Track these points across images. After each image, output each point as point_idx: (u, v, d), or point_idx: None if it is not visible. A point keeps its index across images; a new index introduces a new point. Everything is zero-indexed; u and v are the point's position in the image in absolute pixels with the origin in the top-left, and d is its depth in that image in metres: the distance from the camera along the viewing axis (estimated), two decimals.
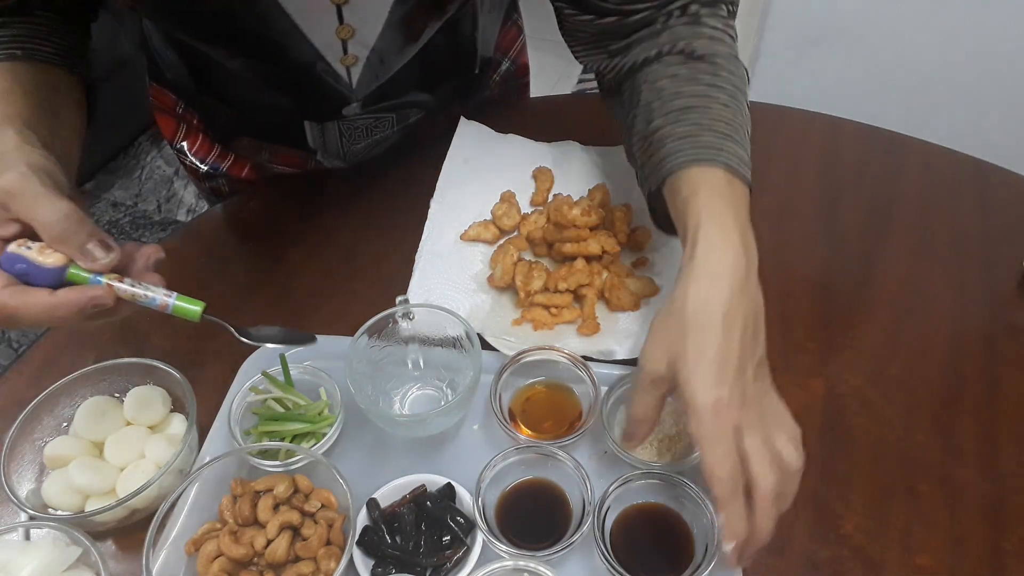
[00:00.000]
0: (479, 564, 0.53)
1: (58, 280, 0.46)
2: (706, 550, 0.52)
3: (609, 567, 0.51)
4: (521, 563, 0.52)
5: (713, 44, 0.64)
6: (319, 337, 0.68)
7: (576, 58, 0.73)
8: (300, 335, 0.57)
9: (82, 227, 0.47)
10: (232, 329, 0.55)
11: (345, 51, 0.68)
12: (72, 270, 0.47)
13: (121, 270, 0.50)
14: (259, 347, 0.67)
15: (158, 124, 0.89)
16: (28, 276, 0.45)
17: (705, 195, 0.56)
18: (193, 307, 0.50)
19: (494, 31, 0.90)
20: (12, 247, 0.46)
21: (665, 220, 0.63)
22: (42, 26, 0.61)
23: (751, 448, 0.48)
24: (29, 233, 0.47)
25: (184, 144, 0.89)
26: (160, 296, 0.49)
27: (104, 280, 0.47)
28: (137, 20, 0.79)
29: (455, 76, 0.87)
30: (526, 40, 0.99)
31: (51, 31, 0.62)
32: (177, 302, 0.49)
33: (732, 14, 0.67)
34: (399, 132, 0.87)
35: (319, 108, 0.78)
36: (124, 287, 0.48)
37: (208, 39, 0.67)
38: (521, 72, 1.00)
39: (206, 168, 0.90)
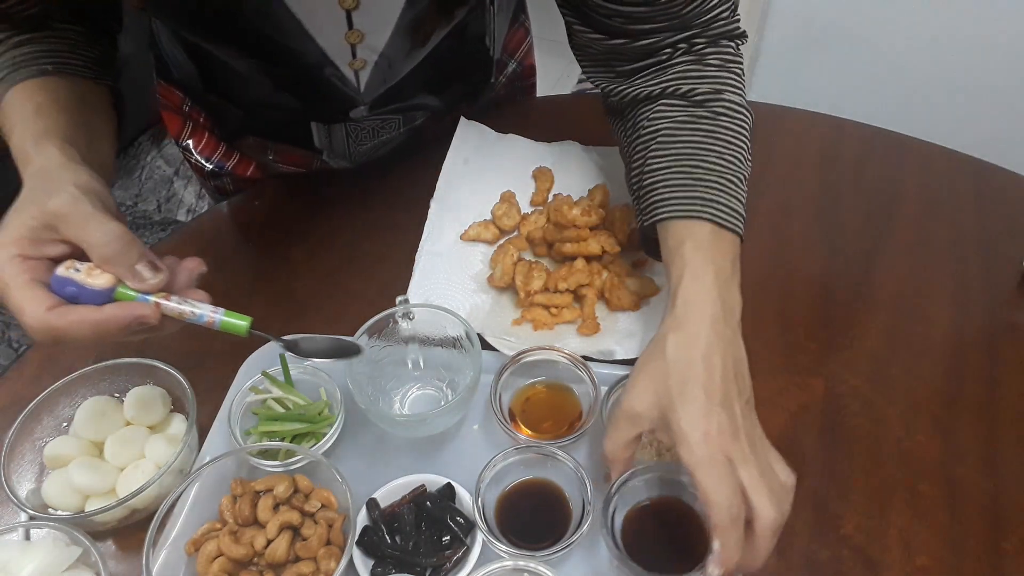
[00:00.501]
0: (479, 564, 0.53)
1: (106, 300, 0.47)
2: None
3: (621, 561, 0.51)
4: (521, 563, 0.52)
5: (716, 87, 0.64)
6: (318, 337, 0.69)
7: (583, 71, 0.73)
8: (347, 345, 0.56)
9: (132, 248, 0.47)
10: (279, 344, 0.54)
11: (354, 55, 0.68)
12: (120, 289, 0.47)
13: (166, 285, 0.49)
14: (263, 346, 0.68)
15: (164, 121, 0.90)
16: (77, 298, 0.46)
17: (690, 250, 0.58)
18: (240, 322, 0.50)
19: (502, 33, 0.90)
20: (61, 270, 0.46)
21: (654, 248, 0.64)
22: (69, 40, 0.62)
23: (748, 479, 0.48)
24: (77, 253, 0.47)
25: (190, 142, 0.89)
26: (207, 313, 0.49)
27: (152, 299, 0.47)
28: (145, 20, 0.79)
29: (464, 80, 0.87)
30: (532, 41, 0.99)
31: (78, 44, 0.62)
32: (224, 318, 0.49)
33: (739, 46, 0.67)
34: (405, 133, 0.87)
35: (326, 110, 0.79)
36: (172, 305, 0.48)
37: (217, 41, 0.68)
38: (528, 73, 1.01)
39: (211, 166, 0.90)
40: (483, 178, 0.83)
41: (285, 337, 0.55)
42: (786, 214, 0.83)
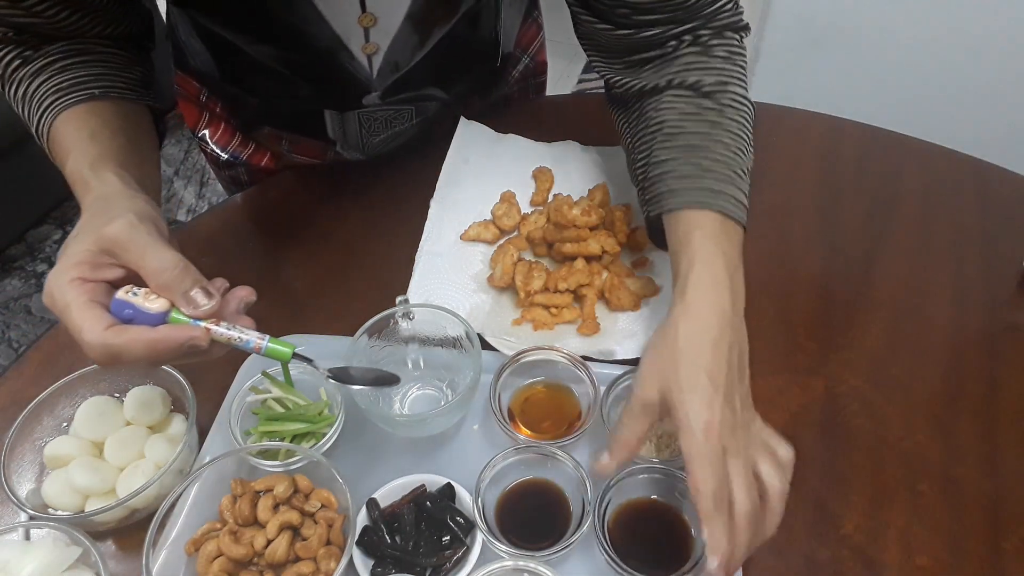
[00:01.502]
0: (479, 564, 0.53)
1: (160, 323, 0.48)
2: (705, 546, 0.52)
3: (611, 562, 0.52)
4: (521, 563, 0.52)
5: (722, 79, 0.65)
6: (319, 337, 0.69)
7: (588, 60, 0.74)
8: (387, 376, 0.59)
9: (187, 275, 0.49)
10: (324, 370, 0.56)
11: (367, 39, 0.69)
12: (173, 314, 0.49)
13: (217, 311, 0.51)
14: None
15: (181, 112, 0.90)
16: (133, 320, 0.48)
17: (699, 239, 0.59)
18: (284, 349, 0.51)
19: (514, 27, 0.90)
20: (120, 294, 0.48)
21: (660, 237, 0.65)
22: (111, 63, 0.64)
23: (734, 471, 0.50)
24: (134, 277, 0.49)
25: (206, 132, 0.90)
26: (254, 339, 0.50)
27: (203, 324, 0.49)
28: (162, 16, 0.79)
29: (474, 71, 0.87)
30: (545, 38, 0.99)
31: (119, 66, 0.65)
32: (270, 344, 0.51)
33: (742, 38, 0.68)
34: (418, 125, 0.88)
35: (340, 97, 0.79)
36: (220, 331, 0.50)
37: (232, 25, 0.69)
38: (540, 69, 1.01)
39: (226, 156, 0.91)
40: (483, 178, 0.83)
41: (330, 368, 0.57)
42: (786, 214, 0.83)
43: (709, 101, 0.64)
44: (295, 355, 0.52)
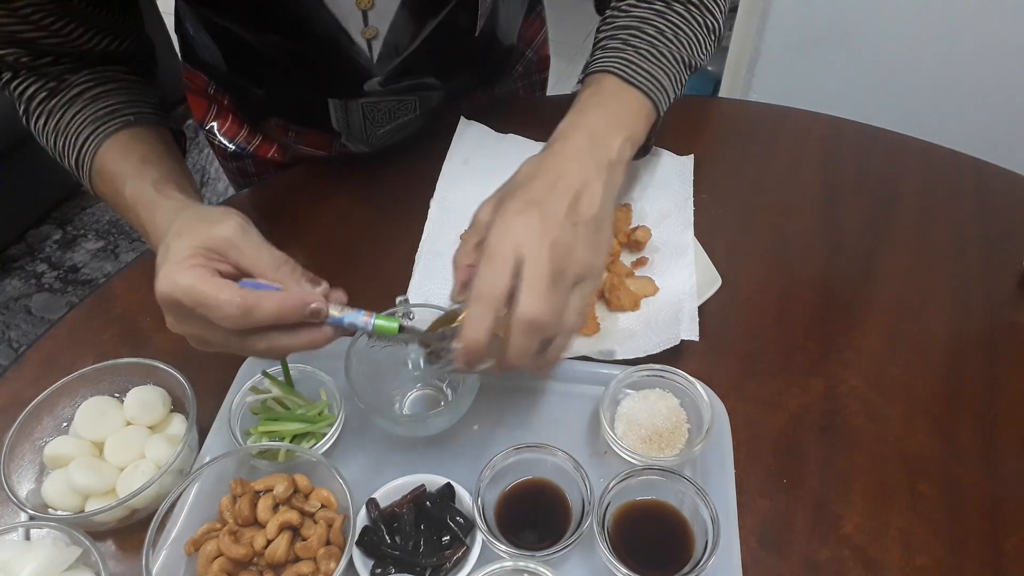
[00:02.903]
0: (479, 564, 0.53)
1: None
2: (706, 546, 0.52)
3: (610, 562, 0.52)
4: (521, 563, 0.52)
5: None
6: None
7: (599, 12, 0.76)
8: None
9: (296, 268, 0.53)
10: (422, 330, 0.56)
11: (366, 23, 0.70)
12: None
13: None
14: None
15: (189, 105, 0.92)
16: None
17: (586, 95, 0.62)
18: (391, 324, 0.54)
19: (517, 19, 0.91)
20: (245, 279, 0.51)
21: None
22: (134, 89, 0.67)
23: (527, 274, 0.49)
24: (237, 275, 0.52)
25: (214, 124, 0.92)
26: (362, 314, 0.53)
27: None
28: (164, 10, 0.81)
29: (473, 61, 0.88)
30: (548, 33, 0.99)
31: (141, 92, 0.68)
32: (377, 320, 0.53)
33: None
34: (422, 117, 0.88)
35: (341, 83, 0.80)
36: (334, 305, 0.53)
37: (234, 13, 0.69)
38: (543, 65, 1.02)
39: (234, 148, 0.92)
40: (483, 178, 0.82)
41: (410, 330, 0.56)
42: (786, 214, 0.83)
43: (660, 2, 0.67)
44: (401, 328, 0.54)
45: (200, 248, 0.50)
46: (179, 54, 0.90)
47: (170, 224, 0.53)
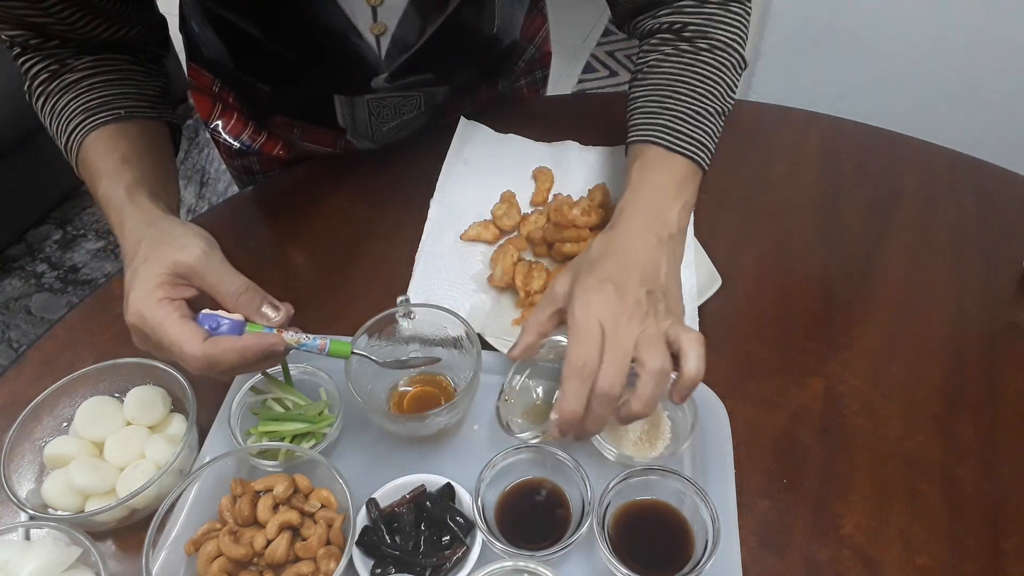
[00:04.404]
0: (479, 564, 0.53)
1: (241, 332, 0.55)
2: (706, 546, 0.52)
3: (611, 562, 0.51)
4: (521, 563, 0.52)
5: (705, 24, 0.68)
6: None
7: (617, 28, 0.78)
8: (428, 358, 0.64)
9: (256, 295, 0.56)
10: (382, 363, 0.61)
11: (375, 19, 0.70)
12: (249, 327, 0.55)
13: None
14: None
15: (194, 103, 0.93)
16: (218, 332, 0.54)
17: (636, 169, 0.65)
18: (344, 347, 0.58)
19: (520, 15, 0.91)
20: (205, 311, 0.55)
21: None
22: (133, 80, 0.68)
23: (609, 353, 0.53)
24: (205, 296, 0.55)
25: (219, 123, 0.92)
26: (317, 341, 0.57)
27: (274, 331, 0.56)
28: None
29: (477, 58, 0.88)
30: (550, 29, 0.99)
31: (141, 83, 0.69)
32: (331, 344, 0.58)
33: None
34: (427, 113, 0.88)
35: (349, 80, 0.80)
36: (290, 335, 0.56)
37: (244, 10, 0.70)
38: (545, 61, 1.02)
39: (239, 145, 0.93)
40: (483, 178, 0.83)
41: (383, 361, 0.61)
42: (786, 214, 0.83)
43: (687, 44, 0.68)
44: (353, 352, 0.59)
45: (166, 275, 0.53)
46: (182, 54, 0.90)
47: (138, 237, 0.56)
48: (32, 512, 0.57)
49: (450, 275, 0.74)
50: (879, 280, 0.76)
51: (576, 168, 0.85)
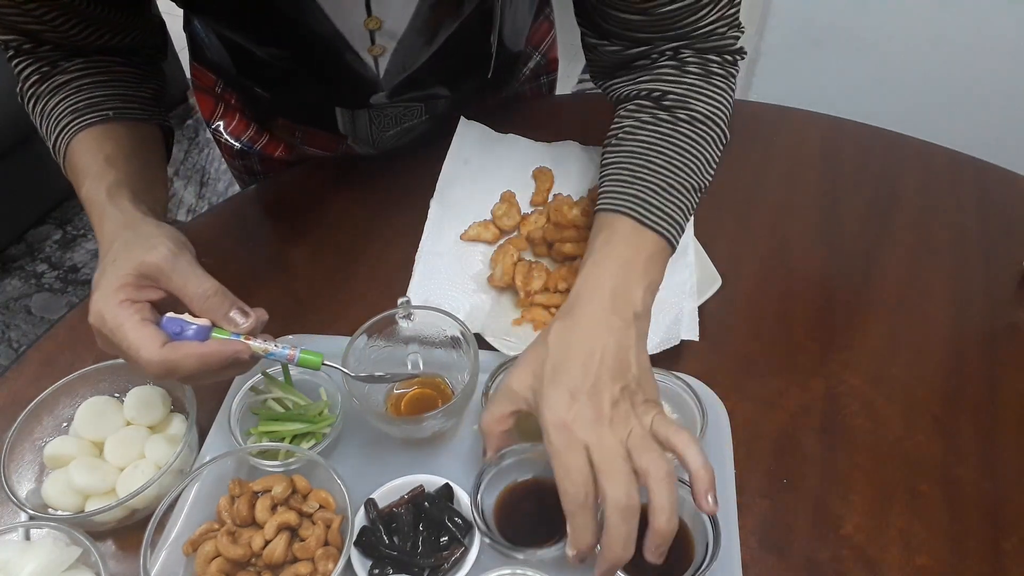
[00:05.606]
0: (477, 565, 0.53)
1: (206, 338, 0.53)
2: (706, 550, 0.52)
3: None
4: (519, 570, 0.52)
5: (685, 95, 0.65)
6: (319, 337, 0.69)
7: (590, 73, 0.75)
8: (406, 373, 0.64)
9: (225, 299, 0.53)
10: (353, 376, 0.59)
11: (373, 41, 0.69)
12: (215, 332, 0.53)
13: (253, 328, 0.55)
14: None
15: (196, 102, 0.93)
16: (182, 337, 0.52)
17: (601, 241, 0.60)
18: (314, 358, 0.56)
19: (525, 24, 0.91)
20: (170, 314, 0.53)
21: None
22: (125, 82, 0.67)
23: (600, 464, 0.49)
24: (172, 298, 0.53)
25: (220, 123, 0.92)
26: (287, 350, 0.55)
27: (241, 338, 0.53)
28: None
29: (481, 70, 0.88)
30: (556, 35, 0.99)
31: (133, 85, 0.68)
32: (301, 354, 0.55)
33: (729, 63, 0.67)
34: (428, 121, 0.89)
35: (348, 96, 0.80)
36: (258, 343, 0.54)
37: (240, 27, 0.70)
38: (551, 67, 1.02)
39: (240, 146, 0.93)
40: (483, 178, 0.83)
41: (356, 375, 0.59)
42: (786, 214, 0.83)
43: (665, 113, 0.65)
44: (324, 363, 0.57)
45: (131, 276, 0.52)
46: (183, 53, 0.90)
47: (112, 239, 0.55)
48: (32, 512, 0.57)
49: (450, 275, 0.74)
50: (879, 280, 0.76)
51: (576, 168, 0.85)
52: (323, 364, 0.57)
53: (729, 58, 0.67)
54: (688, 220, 0.63)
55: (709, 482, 0.49)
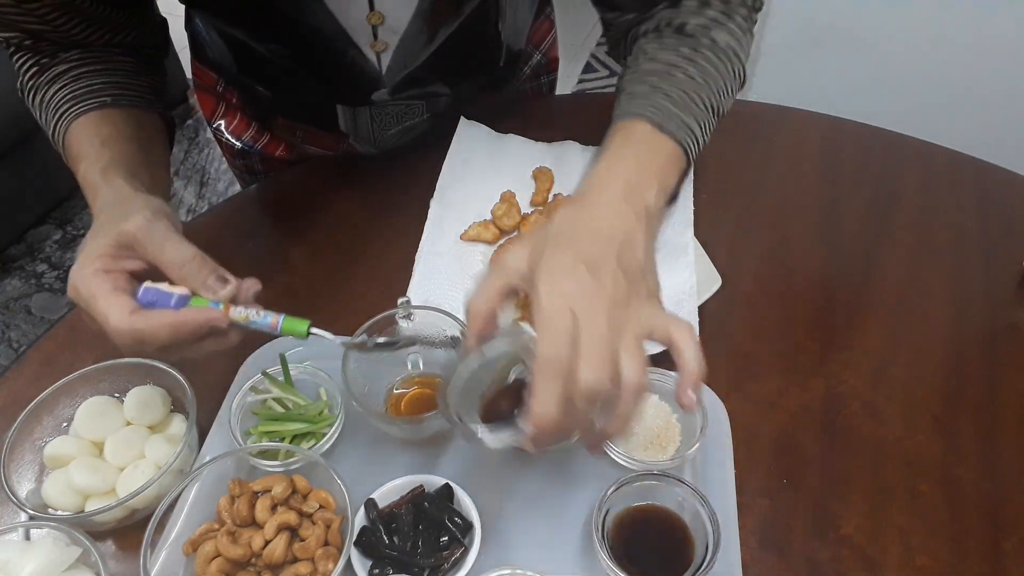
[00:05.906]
0: (477, 565, 0.53)
1: (182, 307, 0.51)
2: (706, 551, 0.52)
3: (611, 569, 0.51)
4: (520, 566, 0.52)
5: (706, 24, 0.64)
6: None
7: (600, 19, 0.73)
8: (396, 340, 0.60)
9: (204, 265, 0.52)
10: (340, 342, 0.56)
11: (375, 37, 0.70)
12: (194, 300, 0.51)
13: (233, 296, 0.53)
14: (263, 346, 0.68)
15: (198, 102, 0.93)
16: (156, 305, 0.50)
17: (618, 142, 0.57)
18: (300, 325, 0.53)
19: (526, 23, 0.91)
20: (147, 284, 0.51)
21: None
22: (124, 71, 0.67)
23: (582, 339, 0.44)
24: (152, 269, 0.52)
25: (222, 122, 0.92)
26: (270, 316, 0.52)
27: (221, 305, 0.51)
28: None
29: (482, 68, 0.88)
30: (557, 34, 0.99)
31: (131, 74, 0.68)
32: (285, 321, 0.53)
33: (750, 7, 0.67)
34: (429, 120, 0.89)
35: (350, 93, 0.80)
36: (239, 310, 0.52)
37: (241, 24, 0.70)
38: (551, 66, 1.01)
39: (241, 145, 0.93)
40: (483, 178, 0.83)
41: (344, 338, 0.56)
42: (786, 214, 0.83)
43: (688, 39, 0.64)
44: (311, 330, 0.54)
45: (108, 247, 0.51)
46: (184, 53, 0.90)
47: (100, 214, 0.54)
48: (32, 512, 0.57)
49: (450, 275, 0.74)
50: (879, 280, 0.76)
51: (576, 168, 0.85)
52: (310, 332, 0.53)
53: (749, 3, 0.67)
54: (707, 139, 0.61)
55: (696, 379, 0.47)
